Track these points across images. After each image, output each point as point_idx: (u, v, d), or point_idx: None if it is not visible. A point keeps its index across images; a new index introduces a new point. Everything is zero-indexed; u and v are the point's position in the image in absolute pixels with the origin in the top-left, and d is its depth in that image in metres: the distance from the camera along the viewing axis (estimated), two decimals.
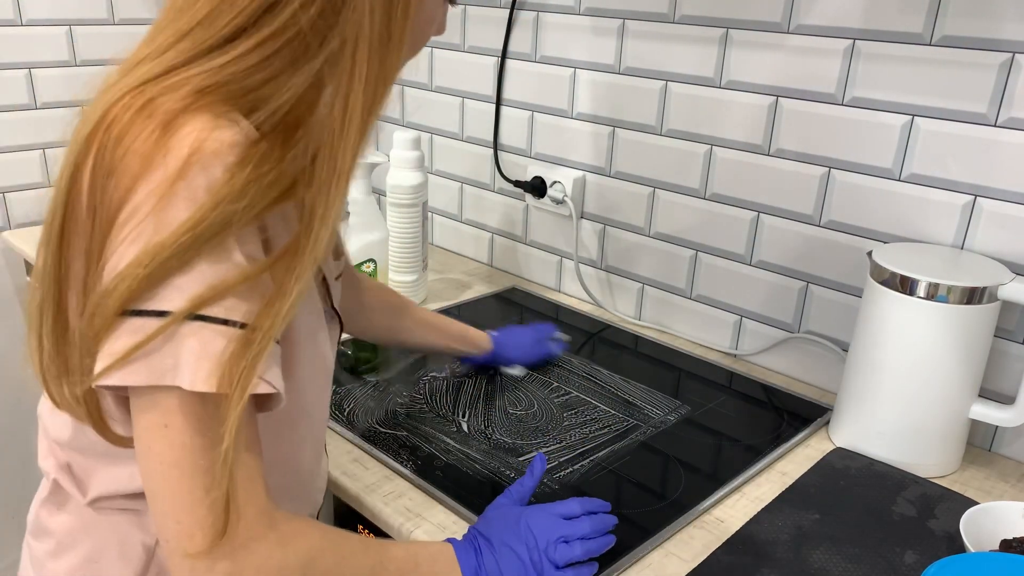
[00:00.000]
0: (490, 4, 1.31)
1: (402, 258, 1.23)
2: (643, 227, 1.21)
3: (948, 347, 0.83)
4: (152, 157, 0.49)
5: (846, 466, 0.88)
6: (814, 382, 1.07)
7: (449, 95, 1.43)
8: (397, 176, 1.20)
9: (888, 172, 0.95)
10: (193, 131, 0.49)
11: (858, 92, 0.95)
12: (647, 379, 1.06)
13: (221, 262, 0.50)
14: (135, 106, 0.50)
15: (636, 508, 0.80)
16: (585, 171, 1.26)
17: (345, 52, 0.53)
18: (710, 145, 1.10)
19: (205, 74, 0.51)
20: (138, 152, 0.49)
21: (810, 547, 0.76)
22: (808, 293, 1.05)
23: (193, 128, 0.49)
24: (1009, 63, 0.84)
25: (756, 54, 1.02)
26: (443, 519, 0.78)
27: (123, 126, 0.50)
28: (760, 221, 1.07)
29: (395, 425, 0.92)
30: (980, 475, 0.89)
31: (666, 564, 0.74)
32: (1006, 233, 0.88)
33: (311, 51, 0.52)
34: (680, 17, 1.09)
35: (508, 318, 1.22)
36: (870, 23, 0.92)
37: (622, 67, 1.17)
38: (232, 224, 0.50)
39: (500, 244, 1.43)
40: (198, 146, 0.49)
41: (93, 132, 0.51)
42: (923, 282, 0.82)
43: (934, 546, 0.76)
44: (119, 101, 0.51)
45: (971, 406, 0.87)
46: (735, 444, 0.92)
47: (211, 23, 0.52)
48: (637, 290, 1.24)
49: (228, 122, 0.50)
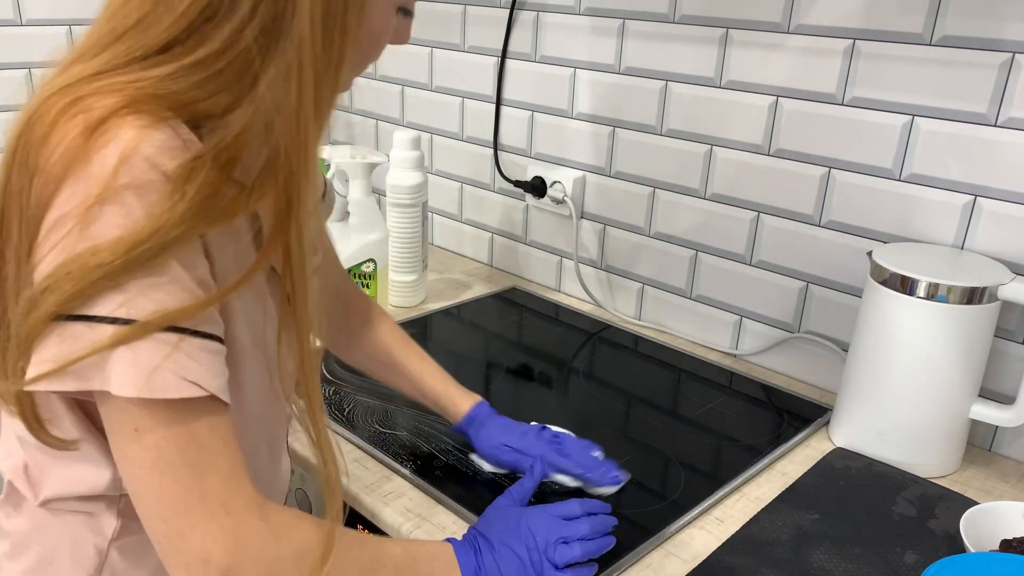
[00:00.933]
0: (490, 4, 1.31)
1: (402, 258, 1.23)
2: (643, 227, 1.21)
3: (948, 347, 0.83)
4: (77, 160, 0.47)
5: (846, 466, 0.88)
6: (814, 382, 1.07)
7: (449, 95, 1.43)
8: (397, 176, 1.20)
9: (888, 172, 0.95)
10: (123, 134, 0.47)
11: (858, 92, 0.95)
12: (647, 386, 1.06)
13: (156, 276, 0.48)
14: (60, 105, 0.49)
15: (636, 508, 0.80)
16: (585, 171, 1.26)
17: (291, 67, 0.51)
18: (710, 145, 1.10)
19: (144, 83, 0.49)
20: (63, 153, 0.47)
21: (810, 547, 0.76)
22: (808, 293, 1.05)
23: (123, 131, 0.47)
24: (1009, 63, 0.84)
25: (756, 54, 1.02)
26: (443, 519, 0.78)
27: (47, 125, 0.49)
28: (760, 221, 1.07)
29: (395, 425, 0.92)
30: (980, 475, 0.89)
31: (666, 564, 0.74)
32: (1006, 233, 0.88)
33: (254, 67, 0.50)
34: (680, 17, 1.09)
35: (508, 318, 1.22)
36: (870, 23, 0.92)
37: (622, 67, 1.17)
38: (169, 248, 0.48)
39: (500, 244, 1.43)
40: (129, 151, 0.47)
41: (21, 132, 0.50)
42: (923, 282, 0.82)
43: (934, 546, 0.76)
44: (47, 100, 0.50)
45: (971, 406, 0.87)
46: (735, 444, 0.92)
47: (147, 28, 0.50)
48: (637, 290, 1.24)
49: (164, 127, 0.49)
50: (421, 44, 1.43)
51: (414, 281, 1.25)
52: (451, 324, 1.20)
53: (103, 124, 0.48)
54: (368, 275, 1.13)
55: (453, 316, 1.23)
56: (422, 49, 1.44)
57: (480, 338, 1.16)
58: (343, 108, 1.65)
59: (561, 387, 1.03)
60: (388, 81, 1.53)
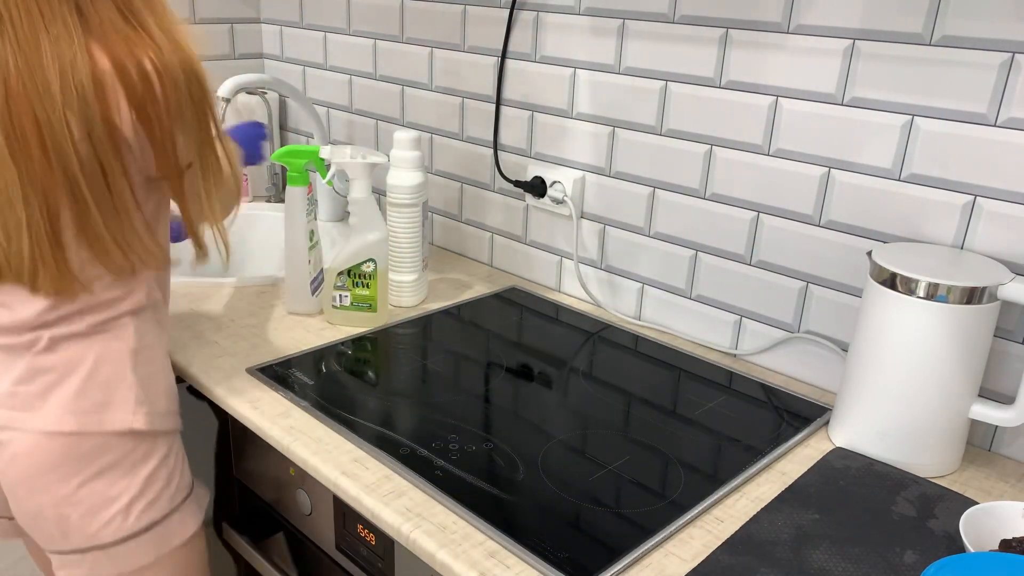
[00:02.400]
0: (490, 4, 1.31)
1: (402, 258, 1.23)
2: (643, 227, 1.21)
3: (948, 347, 0.83)
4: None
5: (846, 466, 0.88)
6: (814, 382, 1.07)
7: (449, 95, 1.43)
8: (397, 176, 1.20)
9: (888, 172, 0.95)
10: None
11: (858, 92, 0.95)
12: (648, 387, 1.06)
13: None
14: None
15: (636, 508, 0.80)
16: (585, 171, 1.26)
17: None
18: (710, 145, 1.10)
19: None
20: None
21: (810, 547, 0.76)
22: (808, 293, 1.05)
23: None
24: (1009, 63, 0.84)
25: (756, 54, 1.02)
26: (443, 519, 0.78)
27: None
28: (760, 221, 1.07)
29: (395, 425, 0.92)
30: (980, 475, 0.89)
31: (666, 564, 0.74)
32: (1006, 233, 0.88)
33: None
34: (680, 17, 1.09)
35: (508, 318, 1.23)
36: (870, 23, 0.92)
37: (622, 67, 1.17)
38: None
39: (500, 244, 1.43)
40: None
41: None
42: (923, 282, 0.82)
43: (934, 546, 0.76)
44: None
45: (971, 406, 0.87)
46: (735, 444, 0.92)
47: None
48: (637, 290, 1.24)
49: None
50: (421, 44, 1.44)
51: (414, 281, 1.25)
52: (451, 324, 1.20)
53: None
54: (368, 275, 1.14)
55: (453, 316, 1.23)
56: (422, 49, 1.44)
57: (480, 338, 1.16)
58: (343, 108, 1.65)
59: (561, 387, 1.03)
60: (388, 81, 1.53)
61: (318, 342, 1.11)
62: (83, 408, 0.82)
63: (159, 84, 0.76)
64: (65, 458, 0.82)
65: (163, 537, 0.89)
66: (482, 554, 0.73)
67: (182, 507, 0.91)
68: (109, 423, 0.83)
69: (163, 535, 0.88)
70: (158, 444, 0.88)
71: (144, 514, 0.86)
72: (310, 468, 0.86)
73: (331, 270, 1.14)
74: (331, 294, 1.15)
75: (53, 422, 0.82)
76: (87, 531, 0.84)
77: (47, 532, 0.85)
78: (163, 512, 0.88)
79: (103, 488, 0.84)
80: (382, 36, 1.51)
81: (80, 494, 0.83)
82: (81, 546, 0.85)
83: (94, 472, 0.83)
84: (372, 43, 1.53)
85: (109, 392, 0.84)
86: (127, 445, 0.85)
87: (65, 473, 0.82)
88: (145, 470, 0.86)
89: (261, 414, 0.93)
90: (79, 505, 0.83)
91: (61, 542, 0.85)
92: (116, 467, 0.84)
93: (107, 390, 0.84)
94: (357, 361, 1.07)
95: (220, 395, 0.97)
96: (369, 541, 0.87)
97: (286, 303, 1.21)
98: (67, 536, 0.85)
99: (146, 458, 0.86)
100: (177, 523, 0.90)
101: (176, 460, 0.91)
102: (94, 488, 0.83)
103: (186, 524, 0.91)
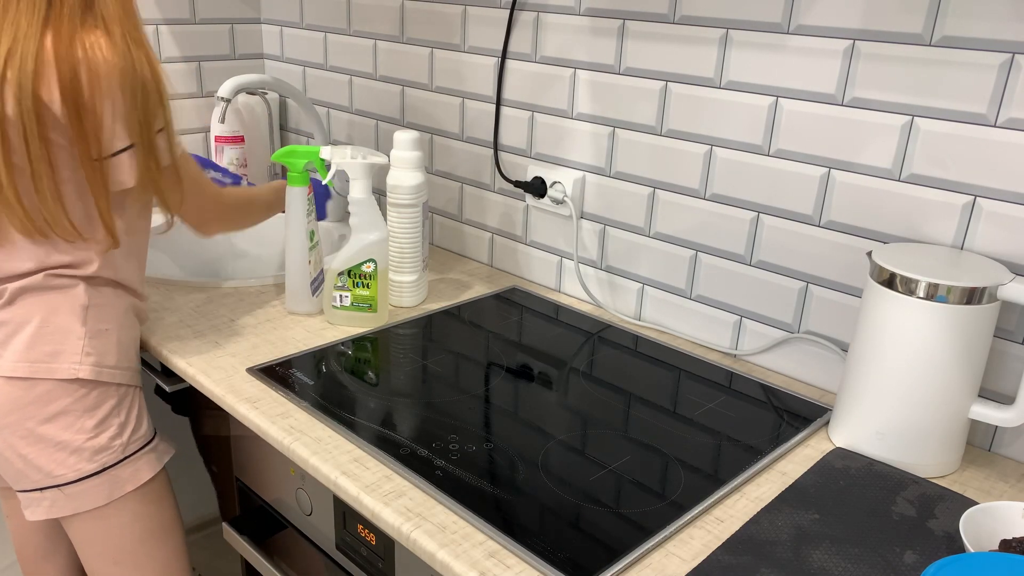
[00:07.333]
0: (490, 4, 1.31)
1: (402, 258, 1.23)
2: (643, 227, 1.21)
3: (948, 347, 0.83)
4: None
5: (846, 466, 0.89)
6: (814, 382, 1.08)
7: (449, 95, 1.43)
8: (397, 176, 1.20)
9: (888, 172, 0.95)
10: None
11: (858, 92, 0.95)
12: (648, 388, 1.06)
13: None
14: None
15: (636, 508, 0.80)
16: (585, 171, 1.26)
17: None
18: (710, 145, 1.10)
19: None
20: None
21: (810, 547, 0.76)
22: (808, 293, 1.05)
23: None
24: (1009, 63, 0.84)
25: (756, 54, 1.02)
26: (443, 519, 0.78)
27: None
28: (760, 221, 1.07)
29: (395, 425, 0.92)
30: (980, 475, 0.90)
31: (666, 564, 0.74)
32: (1006, 233, 0.88)
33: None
34: (680, 17, 1.09)
35: (508, 318, 1.23)
36: (870, 23, 0.92)
37: (622, 67, 1.17)
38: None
39: (500, 244, 1.43)
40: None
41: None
42: (923, 282, 0.82)
43: (934, 546, 0.76)
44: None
45: (971, 406, 0.87)
46: (735, 444, 0.92)
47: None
48: (637, 290, 1.24)
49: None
50: (421, 44, 1.44)
51: (414, 281, 1.25)
52: (451, 324, 1.20)
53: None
54: (368, 275, 1.14)
55: (453, 316, 1.23)
56: (422, 49, 1.44)
57: (480, 338, 1.16)
58: (343, 108, 1.65)
59: (561, 387, 1.03)
60: (388, 81, 1.53)
61: (318, 342, 1.11)
62: (35, 356, 0.92)
63: (86, 78, 0.85)
64: (20, 402, 0.92)
65: (116, 481, 0.98)
66: (482, 554, 0.73)
67: (137, 456, 1.00)
68: (57, 371, 0.93)
69: (116, 479, 0.98)
70: (108, 394, 0.97)
71: (96, 457, 0.96)
72: (310, 468, 0.86)
73: (331, 270, 1.14)
74: (331, 294, 1.15)
75: (8, 369, 0.92)
76: (44, 470, 0.95)
77: (11, 471, 0.96)
78: (116, 458, 0.97)
79: (56, 432, 0.94)
80: (382, 36, 1.51)
81: (36, 434, 0.93)
82: (40, 484, 0.96)
83: (47, 416, 0.93)
84: (372, 43, 1.53)
85: (59, 343, 0.93)
86: (76, 392, 0.94)
87: (21, 416, 0.93)
88: (95, 417, 0.95)
89: (261, 414, 0.93)
90: (35, 445, 0.94)
91: (23, 481, 0.96)
92: (67, 413, 0.94)
93: (57, 341, 0.93)
94: (357, 361, 1.07)
95: (220, 395, 0.97)
96: (369, 541, 0.87)
97: (286, 303, 1.21)
98: (27, 475, 0.95)
99: (96, 407, 0.96)
100: (130, 470, 0.99)
101: (130, 412, 1.00)
102: (48, 431, 0.93)
103: (140, 472, 1.00)
